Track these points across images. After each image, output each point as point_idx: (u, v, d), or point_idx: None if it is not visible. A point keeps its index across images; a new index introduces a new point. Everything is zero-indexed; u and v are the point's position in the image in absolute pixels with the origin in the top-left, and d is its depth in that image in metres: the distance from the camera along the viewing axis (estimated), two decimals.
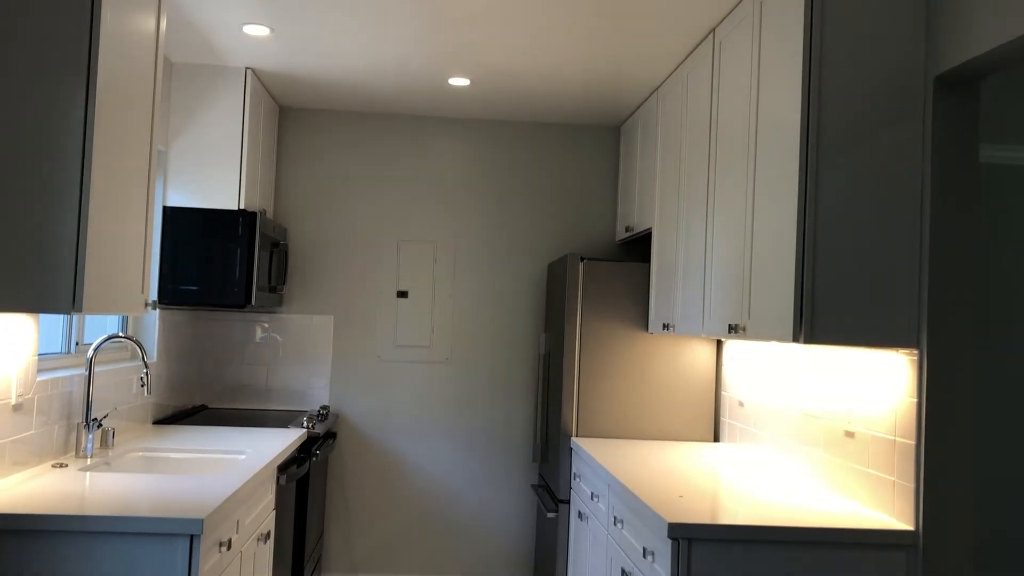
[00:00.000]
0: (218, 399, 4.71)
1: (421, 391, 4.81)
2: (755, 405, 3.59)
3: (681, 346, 4.13)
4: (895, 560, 2.40)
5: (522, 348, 4.86)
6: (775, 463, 3.34)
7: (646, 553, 2.63)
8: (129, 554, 2.18)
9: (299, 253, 4.81)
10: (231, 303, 3.93)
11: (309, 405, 4.75)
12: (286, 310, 4.78)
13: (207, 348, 4.71)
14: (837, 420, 2.87)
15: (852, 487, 2.75)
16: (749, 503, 2.67)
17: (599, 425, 4.08)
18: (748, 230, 2.84)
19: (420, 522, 4.77)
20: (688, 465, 3.36)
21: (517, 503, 4.81)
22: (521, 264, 4.89)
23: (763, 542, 2.38)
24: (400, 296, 4.83)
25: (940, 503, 2.39)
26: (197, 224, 3.94)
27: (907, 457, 2.47)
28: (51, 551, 2.16)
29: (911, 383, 2.47)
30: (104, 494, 2.40)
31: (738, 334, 2.87)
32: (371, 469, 4.77)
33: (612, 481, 3.09)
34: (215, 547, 2.40)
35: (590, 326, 4.09)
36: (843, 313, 2.44)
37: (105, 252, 2.41)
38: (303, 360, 4.76)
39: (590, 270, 4.10)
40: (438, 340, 4.83)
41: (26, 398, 2.66)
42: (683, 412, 4.12)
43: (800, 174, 2.46)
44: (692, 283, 3.43)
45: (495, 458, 4.81)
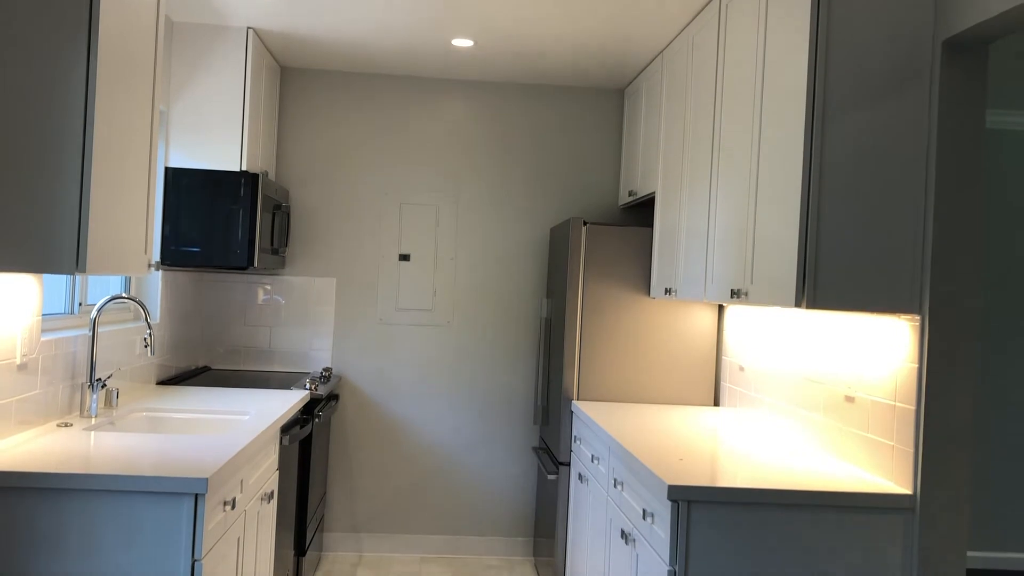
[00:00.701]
0: (221, 360, 4.73)
1: (423, 354, 4.83)
2: (756, 370, 3.61)
3: (683, 311, 4.14)
4: (893, 523, 2.43)
5: (524, 312, 4.87)
6: (775, 427, 3.37)
7: (646, 515, 2.65)
8: (134, 512, 2.20)
9: (301, 215, 4.80)
10: (234, 265, 3.93)
11: (311, 367, 4.78)
12: (288, 272, 4.78)
13: (210, 310, 4.72)
14: (837, 385, 2.88)
15: (851, 451, 2.77)
16: (748, 466, 2.69)
17: (600, 389, 4.10)
18: (752, 194, 2.83)
19: (421, 483, 4.82)
20: (688, 429, 3.38)
21: (518, 465, 4.85)
22: (523, 228, 4.88)
23: (762, 504, 2.41)
24: (402, 259, 4.83)
25: (938, 468, 2.41)
26: (199, 185, 3.92)
27: (907, 422, 2.48)
28: (58, 509, 2.19)
29: (912, 349, 2.48)
30: (109, 453, 2.43)
31: (740, 299, 2.87)
32: (373, 431, 4.81)
33: (613, 444, 3.11)
34: (219, 506, 2.43)
35: (592, 290, 4.10)
36: (846, 278, 2.44)
37: (108, 213, 2.41)
38: (305, 322, 4.77)
39: (593, 234, 4.09)
40: (440, 303, 4.84)
41: (30, 358, 2.67)
42: (684, 376, 4.14)
43: (805, 138, 2.45)
44: (695, 248, 3.43)
45: (496, 421, 4.85)
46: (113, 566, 2.19)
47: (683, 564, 2.39)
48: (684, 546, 2.39)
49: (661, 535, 2.50)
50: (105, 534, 2.19)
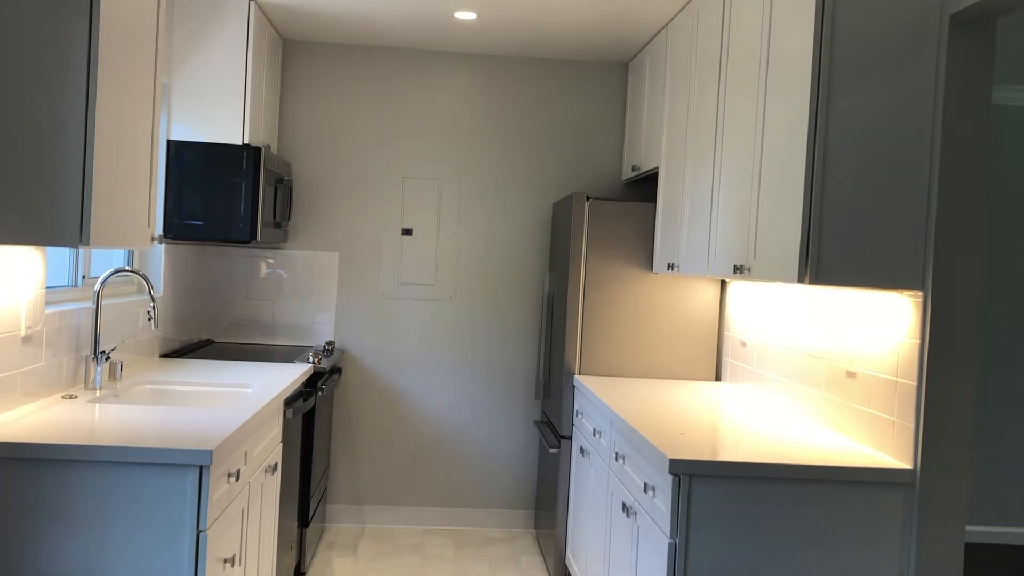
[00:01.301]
0: (224, 334, 4.75)
1: (426, 329, 4.84)
2: (757, 345, 3.62)
3: (685, 286, 4.14)
4: (892, 498, 2.44)
5: (526, 287, 4.88)
6: (776, 402, 3.38)
7: (647, 488, 2.67)
8: (140, 483, 2.22)
9: (303, 189, 4.79)
10: (236, 238, 3.93)
11: (314, 340, 4.79)
12: (291, 246, 4.78)
13: (212, 283, 4.73)
14: (839, 360, 2.89)
15: (852, 427, 2.79)
16: (749, 440, 2.71)
17: (602, 364, 4.11)
18: (756, 170, 2.83)
19: (424, 456, 4.85)
20: (690, 403, 3.40)
21: (520, 439, 4.88)
22: (526, 203, 4.87)
23: (763, 479, 2.42)
24: (404, 233, 4.83)
25: (939, 443, 2.42)
26: (201, 158, 3.92)
27: (908, 398, 2.49)
28: (64, 480, 2.21)
29: (914, 325, 2.48)
30: (114, 425, 2.44)
31: (743, 275, 2.87)
32: (376, 404, 4.83)
33: (614, 418, 3.13)
34: (224, 478, 2.44)
35: (595, 266, 4.10)
36: (849, 254, 2.44)
37: (111, 185, 2.41)
38: (308, 296, 4.78)
39: (595, 209, 4.09)
40: (442, 278, 4.84)
41: (35, 330, 2.68)
42: (685, 352, 4.15)
43: (811, 113, 2.43)
44: (698, 223, 3.43)
45: (498, 395, 4.87)
46: (118, 536, 2.21)
47: (684, 537, 2.41)
48: (685, 519, 2.41)
49: (662, 508, 2.52)
50: (110, 505, 2.21)
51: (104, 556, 2.21)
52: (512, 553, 4.48)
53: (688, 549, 2.41)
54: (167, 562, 2.22)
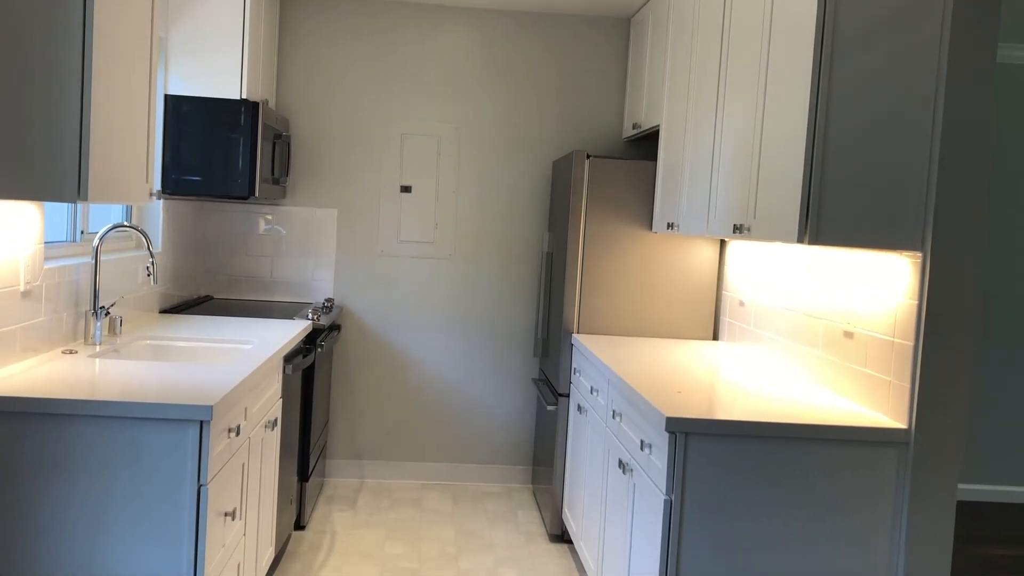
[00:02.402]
0: (223, 290, 4.75)
1: (425, 286, 4.84)
2: (756, 305, 3.63)
3: (684, 246, 4.14)
4: (886, 457, 2.47)
5: (525, 246, 4.87)
6: (773, 362, 3.40)
7: (643, 445, 2.70)
8: (141, 438, 2.24)
9: (302, 145, 4.76)
10: (235, 194, 3.92)
11: (313, 297, 4.80)
12: (289, 202, 4.77)
13: (211, 239, 4.72)
14: (837, 320, 2.90)
15: (848, 386, 2.81)
16: (745, 399, 2.73)
17: (600, 322, 4.12)
18: (757, 129, 2.81)
19: (422, 412, 4.88)
20: (687, 362, 3.42)
21: (517, 396, 4.91)
22: (526, 161, 4.85)
23: (758, 437, 2.45)
24: (404, 191, 4.81)
25: (934, 403, 2.44)
26: (199, 113, 3.88)
27: (904, 358, 2.50)
28: (65, 434, 2.22)
29: (912, 285, 2.49)
30: (115, 380, 2.46)
31: (743, 234, 2.87)
32: (375, 361, 4.85)
33: (612, 376, 3.15)
34: (224, 433, 2.47)
35: (594, 224, 4.09)
36: (849, 214, 2.44)
37: (109, 140, 2.39)
38: (307, 253, 4.78)
39: (596, 168, 4.07)
40: (441, 236, 4.83)
41: (34, 285, 2.68)
42: (683, 311, 4.16)
43: (813, 72, 2.41)
44: (698, 182, 3.41)
45: (497, 353, 4.89)
46: (120, 491, 2.24)
47: (679, 493, 2.44)
48: (681, 476, 2.44)
49: (658, 465, 2.54)
50: (112, 459, 2.23)
51: (106, 510, 2.24)
52: (509, 508, 4.54)
53: (684, 506, 2.44)
54: (169, 516, 2.25)
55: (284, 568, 3.62)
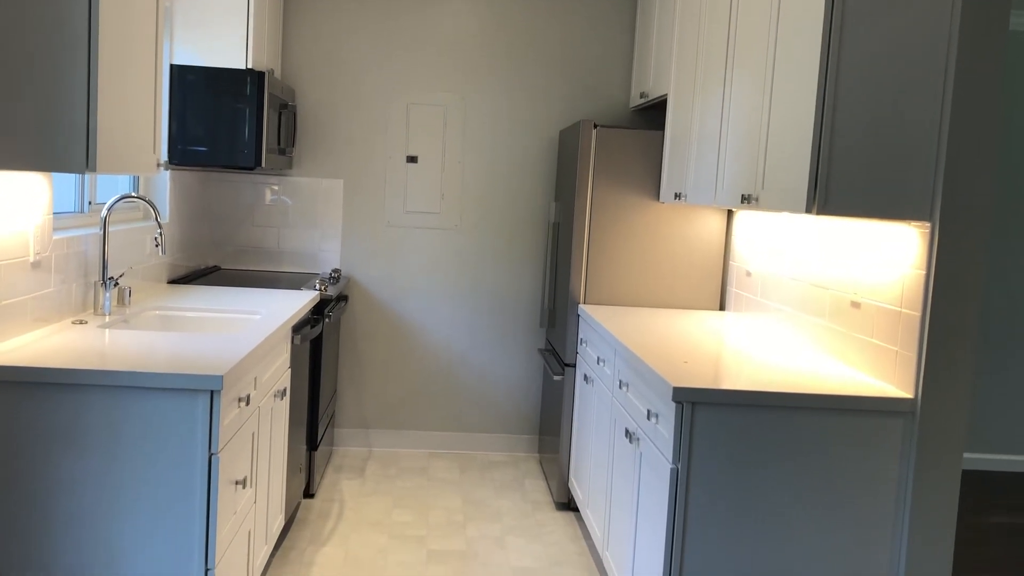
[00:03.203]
0: (231, 260, 4.76)
1: (431, 257, 4.85)
2: (763, 275, 3.63)
3: (691, 216, 4.13)
4: (892, 426, 2.48)
5: (532, 216, 4.86)
6: (780, 332, 3.40)
7: (650, 415, 2.71)
8: (152, 408, 2.26)
9: (307, 115, 4.75)
10: (241, 165, 3.91)
11: (321, 268, 4.81)
12: (295, 173, 4.76)
13: (218, 210, 4.72)
14: (844, 291, 2.90)
15: (855, 356, 2.81)
16: (752, 369, 2.74)
17: (607, 293, 4.13)
18: (766, 98, 2.79)
19: (430, 382, 4.91)
20: (694, 332, 3.42)
21: (524, 366, 4.93)
22: (533, 130, 4.83)
23: (764, 406, 2.46)
24: (410, 161, 4.80)
25: (940, 373, 2.45)
26: (205, 83, 3.87)
27: (911, 328, 2.51)
28: (77, 404, 2.25)
29: (920, 255, 2.48)
30: (125, 350, 2.47)
31: (751, 204, 2.86)
32: (382, 331, 4.87)
33: (618, 346, 3.16)
34: (234, 402, 2.49)
35: (601, 194, 4.08)
36: (858, 184, 2.43)
37: (116, 111, 2.39)
38: (314, 223, 4.78)
39: (603, 137, 4.05)
40: (448, 206, 4.83)
41: (43, 256, 2.69)
42: (690, 281, 4.16)
43: (823, 40, 2.39)
44: (706, 152, 3.40)
45: (503, 323, 4.90)
46: (132, 459, 2.26)
47: (686, 462, 2.46)
48: (687, 445, 2.46)
49: (665, 434, 2.56)
50: (123, 429, 2.26)
51: (118, 479, 2.26)
52: (516, 476, 4.58)
53: (690, 474, 2.46)
54: (180, 484, 2.27)
55: (294, 535, 3.67)
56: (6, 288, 2.47)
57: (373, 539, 3.68)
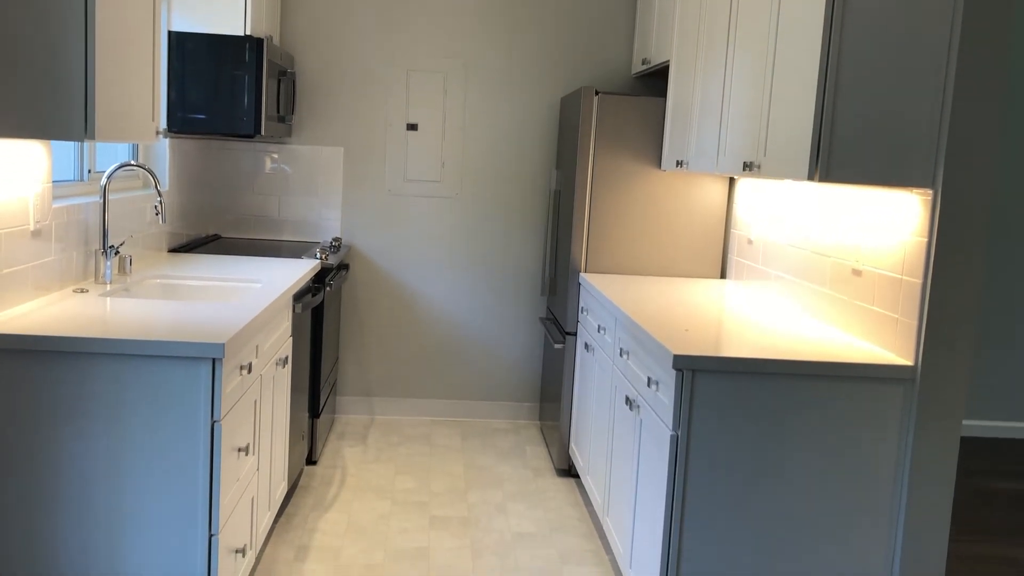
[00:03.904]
0: (231, 229, 4.76)
1: (432, 225, 4.84)
2: (764, 242, 3.62)
3: (693, 184, 4.12)
4: (892, 393, 2.49)
5: (533, 184, 4.85)
6: (780, 299, 3.41)
7: (650, 382, 2.72)
8: (155, 376, 2.27)
9: (306, 82, 4.72)
10: (240, 132, 3.90)
11: (321, 236, 4.80)
12: (295, 141, 4.74)
13: (218, 178, 4.71)
14: (845, 258, 2.90)
15: (856, 324, 2.82)
16: (753, 337, 2.74)
17: (608, 261, 4.13)
18: (769, 64, 2.77)
19: (431, 350, 4.92)
20: (695, 300, 3.43)
21: (525, 335, 4.94)
22: (533, 97, 4.79)
23: (764, 374, 2.47)
24: (410, 129, 4.77)
25: (940, 340, 2.45)
26: (203, 50, 3.84)
27: (912, 295, 2.51)
28: (80, 372, 2.25)
29: (922, 223, 2.48)
30: (127, 319, 2.48)
31: (753, 172, 2.85)
32: (384, 299, 4.88)
33: (619, 314, 3.16)
34: (236, 370, 2.50)
35: (602, 162, 4.06)
36: (860, 152, 2.42)
37: (114, 78, 2.37)
38: (314, 192, 4.77)
39: (604, 104, 4.03)
40: (448, 174, 4.81)
41: (44, 224, 2.69)
42: (691, 249, 4.15)
43: (827, 5, 2.37)
44: (708, 119, 3.38)
45: (504, 291, 4.90)
46: (135, 427, 2.27)
47: (686, 429, 2.47)
48: (687, 413, 2.47)
49: (665, 402, 2.57)
50: (126, 397, 2.27)
51: (122, 446, 2.28)
52: (517, 443, 4.61)
53: (690, 441, 2.48)
54: (184, 451, 2.29)
55: (297, 502, 3.70)
56: (7, 257, 2.47)
57: (376, 505, 3.71)
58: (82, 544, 2.30)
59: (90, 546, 2.31)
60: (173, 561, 2.32)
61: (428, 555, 3.29)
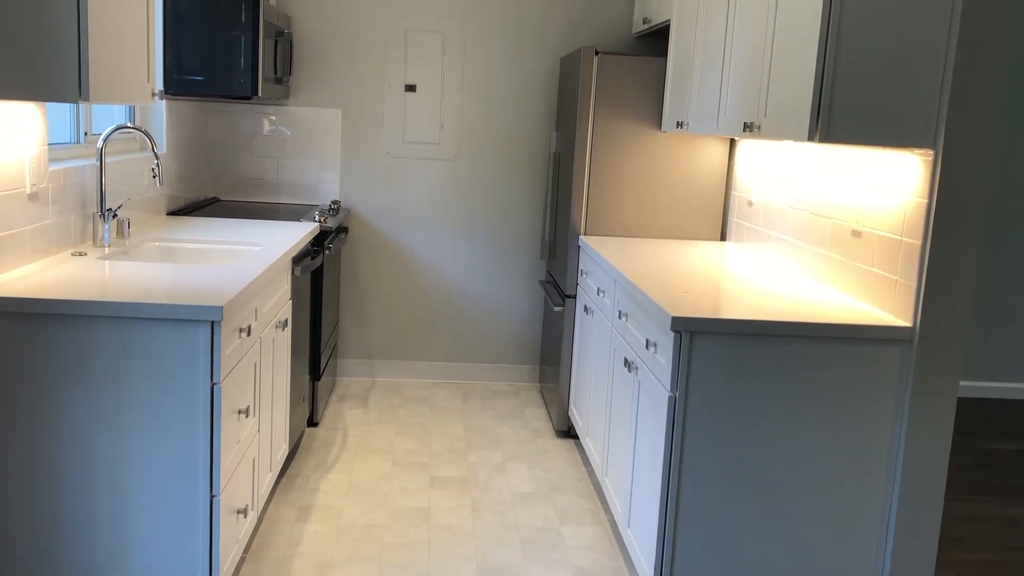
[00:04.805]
0: (229, 192, 4.74)
1: (432, 188, 4.82)
2: (764, 204, 3.61)
3: (694, 145, 4.09)
4: (889, 355, 2.50)
5: (532, 146, 4.82)
6: (780, 261, 3.40)
7: (649, 344, 2.73)
8: (154, 338, 2.27)
9: (304, 43, 4.67)
10: (237, 94, 3.86)
11: (320, 199, 4.79)
12: (293, 103, 4.70)
13: (216, 140, 4.68)
14: (845, 220, 2.89)
15: (855, 285, 2.82)
16: (752, 299, 2.74)
17: (607, 224, 4.12)
18: (770, 23, 2.73)
19: (431, 313, 4.93)
20: (694, 262, 3.42)
21: (525, 297, 4.95)
22: (533, 58, 4.75)
23: (763, 335, 2.47)
24: (408, 90, 4.73)
25: (939, 302, 2.45)
26: (199, 10, 3.79)
27: (911, 257, 2.50)
28: (79, 335, 2.26)
29: (922, 184, 2.46)
30: (126, 282, 2.48)
31: (753, 133, 2.83)
32: (383, 263, 4.87)
33: (619, 277, 3.16)
34: (235, 333, 2.50)
35: (602, 124, 4.03)
36: (861, 112, 2.40)
37: (108, 39, 2.35)
38: (312, 154, 4.74)
39: (604, 64, 3.99)
40: (447, 136, 4.78)
41: (40, 187, 2.68)
42: (692, 211, 4.14)
43: None
44: (709, 79, 3.35)
45: (504, 255, 4.90)
46: (135, 389, 2.28)
47: (684, 390, 2.48)
48: (685, 374, 2.48)
49: (663, 363, 2.58)
50: (126, 359, 2.27)
51: (122, 408, 2.29)
52: (517, 405, 4.63)
53: (687, 402, 2.49)
54: (184, 414, 2.30)
55: (298, 463, 3.73)
56: (3, 220, 2.46)
57: (377, 466, 3.75)
58: (84, 506, 2.33)
59: (92, 508, 2.33)
60: (175, 521, 2.35)
61: (428, 515, 3.33)
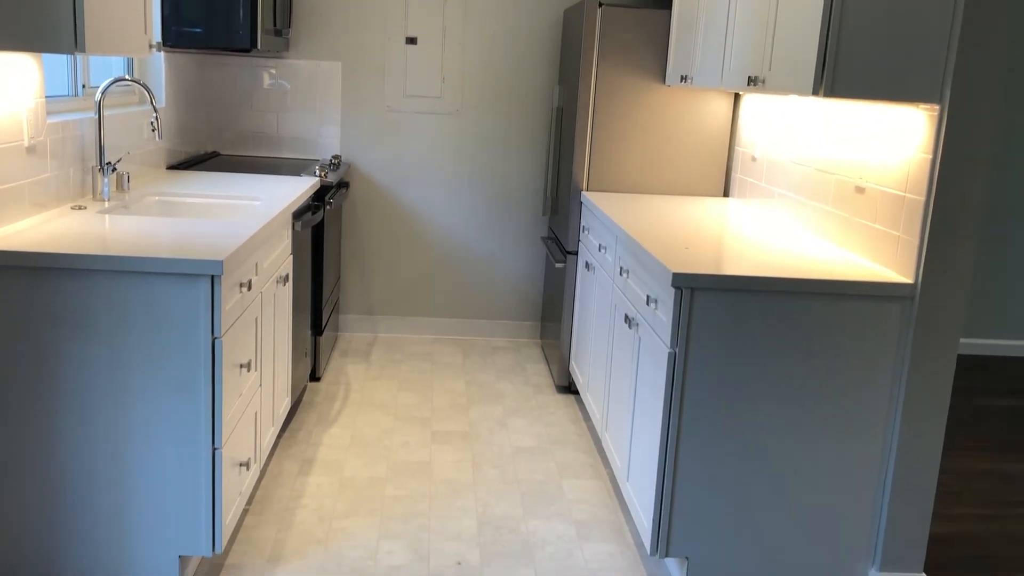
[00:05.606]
0: (229, 146, 4.71)
1: (433, 143, 4.78)
2: (768, 160, 3.58)
3: (698, 100, 4.05)
4: (890, 311, 2.49)
5: (534, 100, 4.77)
6: (783, 217, 3.39)
7: (649, 300, 2.73)
8: (155, 293, 2.27)
9: None
10: (237, 46, 3.82)
11: (320, 154, 4.76)
12: (293, 55, 4.65)
13: (215, 94, 4.64)
14: (848, 175, 2.87)
15: (858, 242, 2.81)
16: (753, 255, 2.73)
17: (610, 179, 4.09)
18: None
19: (433, 268, 4.93)
20: (696, 219, 3.41)
21: (526, 254, 4.94)
22: (536, 10, 4.68)
23: (763, 292, 2.47)
24: (409, 43, 4.67)
25: (941, 258, 2.44)
26: None
27: (914, 213, 2.49)
28: (80, 289, 2.26)
29: (927, 139, 2.44)
30: (126, 236, 2.47)
31: (757, 87, 2.80)
32: (385, 218, 4.86)
33: (620, 233, 3.15)
34: (236, 287, 2.50)
35: (605, 77, 3.99)
36: (867, 65, 2.36)
37: None
38: (312, 108, 4.70)
39: (608, 16, 3.93)
40: (448, 90, 4.73)
41: (38, 140, 2.66)
42: (695, 167, 4.11)
43: None
44: (714, 32, 3.30)
45: (506, 210, 4.88)
46: (137, 343, 2.29)
47: (684, 347, 2.49)
48: (686, 330, 2.48)
49: (663, 320, 2.58)
50: (127, 313, 2.28)
51: (124, 362, 2.30)
52: (518, 361, 4.65)
53: (687, 358, 2.49)
54: (185, 367, 2.31)
55: (301, 417, 3.76)
56: (2, 173, 2.45)
57: (379, 420, 3.77)
58: (86, 459, 2.35)
59: (94, 461, 2.35)
60: (177, 474, 2.37)
61: (430, 468, 3.36)
